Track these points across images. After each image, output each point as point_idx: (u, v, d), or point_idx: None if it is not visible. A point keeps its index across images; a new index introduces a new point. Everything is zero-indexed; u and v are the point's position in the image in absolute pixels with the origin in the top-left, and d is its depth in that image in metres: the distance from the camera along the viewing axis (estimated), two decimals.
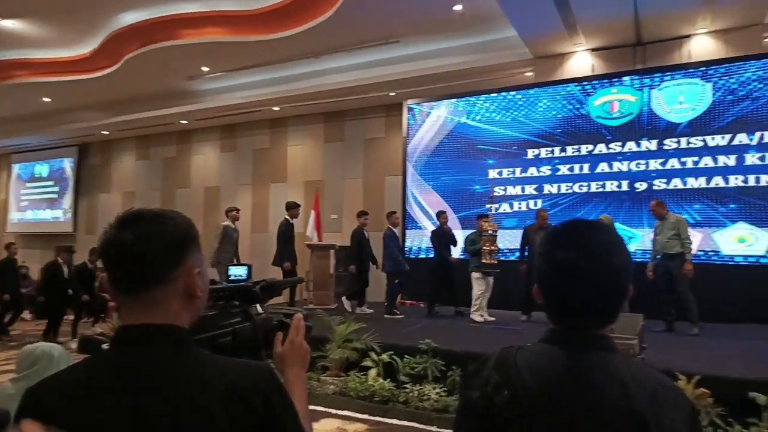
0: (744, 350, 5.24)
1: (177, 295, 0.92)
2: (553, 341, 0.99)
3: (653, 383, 0.92)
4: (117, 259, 0.91)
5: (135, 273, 0.90)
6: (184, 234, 0.95)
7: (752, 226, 7.27)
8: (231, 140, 13.21)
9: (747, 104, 7.42)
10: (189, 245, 0.95)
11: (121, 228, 0.92)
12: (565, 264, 0.97)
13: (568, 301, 0.98)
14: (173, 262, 0.92)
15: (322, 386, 5.07)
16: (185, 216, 1.00)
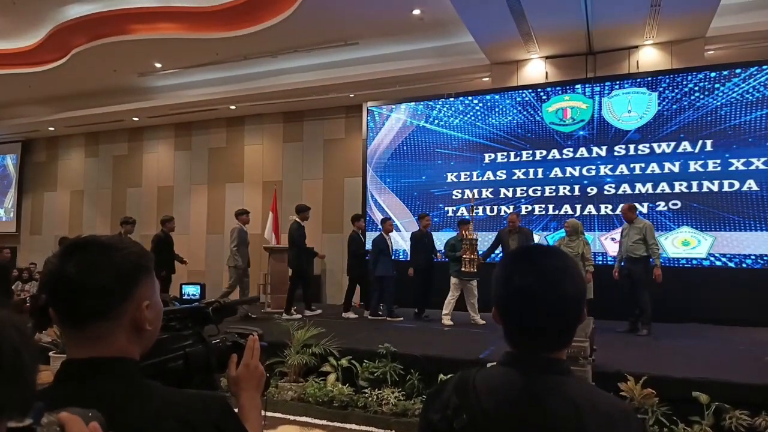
0: (688, 350, 5.51)
1: (124, 328, 0.89)
2: (511, 364, 1.03)
3: (605, 406, 0.96)
4: (59, 292, 0.87)
5: (78, 307, 0.86)
6: (133, 265, 0.91)
7: (695, 230, 7.65)
8: (185, 138, 12.88)
9: (690, 113, 7.80)
10: (138, 277, 0.91)
11: (65, 258, 0.88)
12: (522, 290, 1.00)
13: (524, 325, 1.02)
14: (119, 296, 0.88)
15: (280, 392, 5.02)
16: (137, 244, 0.96)
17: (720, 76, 7.68)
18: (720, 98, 7.66)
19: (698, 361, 4.93)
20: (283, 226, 10.91)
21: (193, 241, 12.05)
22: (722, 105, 7.64)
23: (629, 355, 5.17)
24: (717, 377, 4.24)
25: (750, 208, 7.41)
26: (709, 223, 7.60)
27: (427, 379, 4.82)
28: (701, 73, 7.79)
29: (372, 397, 4.76)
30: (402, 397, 4.74)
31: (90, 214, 13.79)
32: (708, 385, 4.10)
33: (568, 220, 6.97)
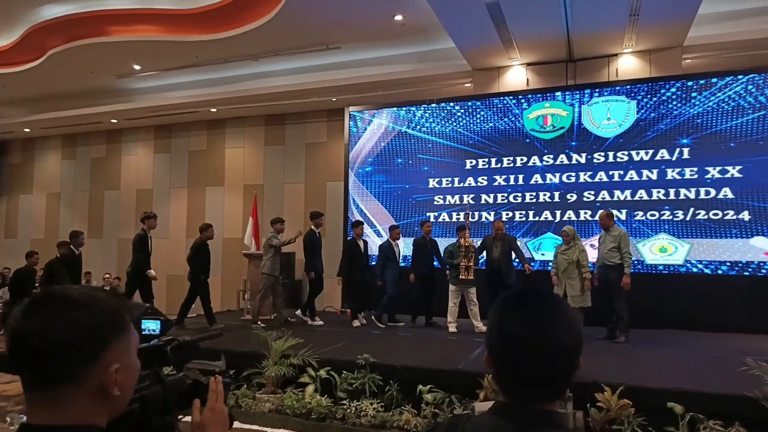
0: (664, 358, 5.56)
1: (89, 393, 0.81)
2: (503, 415, 0.98)
3: None
4: (16, 352, 0.80)
5: (36, 371, 0.80)
6: (102, 325, 0.83)
7: (672, 236, 7.74)
8: (165, 141, 12.71)
9: (668, 121, 7.90)
10: (107, 337, 0.83)
11: (25, 315, 0.81)
12: (517, 339, 0.96)
13: (518, 375, 0.97)
14: (82, 359, 0.80)
15: (257, 404, 4.96)
16: (111, 299, 0.87)
17: (697, 85, 7.79)
18: (697, 107, 7.77)
19: (674, 371, 4.97)
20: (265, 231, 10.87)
21: (172, 245, 11.89)
22: (699, 114, 7.75)
23: (607, 365, 5.20)
24: (692, 387, 4.28)
25: (726, 216, 7.52)
26: (685, 230, 7.70)
27: (406, 390, 4.80)
28: (679, 82, 7.89)
29: (350, 408, 4.72)
30: (381, 408, 4.71)
31: (67, 217, 13.54)
32: (683, 396, 4.14)
33: (565, 228, 6.98)
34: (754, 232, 7.40)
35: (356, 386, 4.89)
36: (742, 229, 7.45)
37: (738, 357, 4.37)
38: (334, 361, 5.23)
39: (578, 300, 6.52)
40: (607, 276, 6.55)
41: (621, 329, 6.45)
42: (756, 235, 7.39)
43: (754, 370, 3.95)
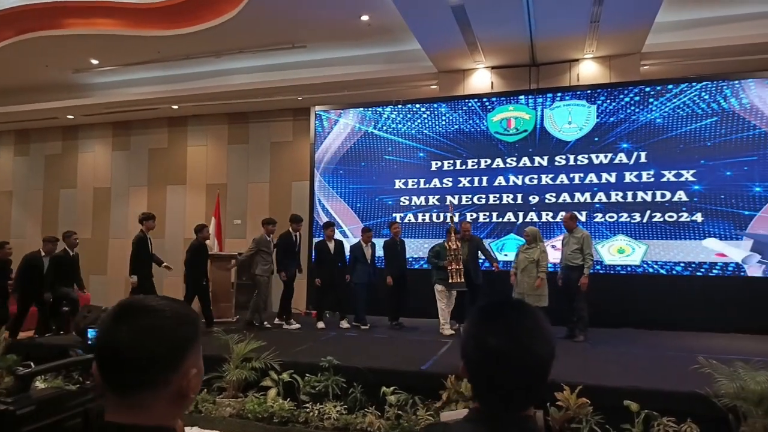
0: (622, 357, 5.72)
1: (168, 397, 0.87)
2: (478, 422, 1.01)
3: None
4: (108, 359, 0.86)
5: (126, 377, 0.85)
6: (185, 334, 0.89)
7: (630, 238, 7.97)
8: (124, 138, 12.34)
9: (626, 126, 8.12)
10: (189, 346, 0.90)
11: (117, 326, 0.86)
12: (496, 352, 0.99)
13: (495, 385, 1.00)
14: (169, 367, 0.86)
15: (218, 409, 4.86)
16: (187, 308, 0.94)
17: (654, 91, 8.04)
18: (654, 112, 8.02)
19: (630, 369, 5.12)
20: (228, 230, 10.69)
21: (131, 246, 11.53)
22: (656, 119, 8.00)
23: (566, 364, 5.30)
24: (647, 386, 4.40)
25: (680, 218, 7.79)
26: (642, 231, 7.94)
27: (370, 392, 4.79)
28: (637, 88, 8.13)
29: (313, 412, 4.68)
30: (344, 411, 4.68)
31: (19, 217, 13.00)
32: (638, 394, 4.25)
33: (528, 228, 7.09)
34: (706, 234, 7.68)
35: (319, 389, 4.85)
36: (695, 231, 7.73)
37: (691, 355, 4.52)
38: (297, 363, 5.18)
39: (534, 299, 6.64)
40: (569, 276, 6.70)
41: (580, 329, 6.60)
42: (708, 236, 7.67)
43: (705, 368, 4.09)
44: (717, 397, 3.90)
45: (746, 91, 7.68)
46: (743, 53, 7.78)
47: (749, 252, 7.52)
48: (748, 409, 3.77)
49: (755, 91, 7.65)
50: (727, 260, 7.58)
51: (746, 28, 7.63)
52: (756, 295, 7.33)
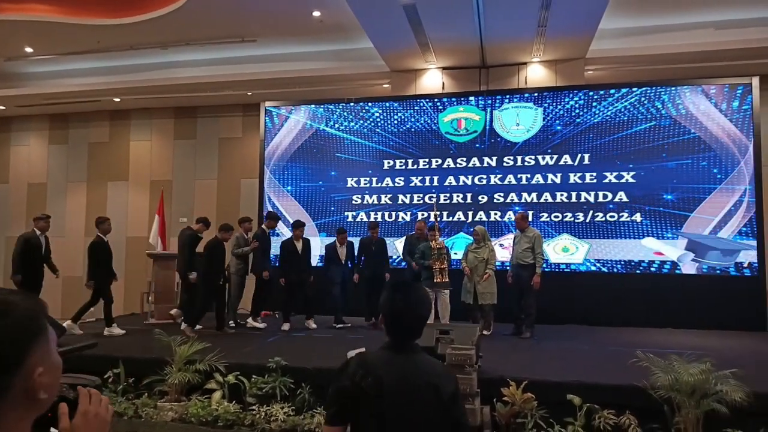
0: (565, 353, 5.88)
1: (14, 404, 0.78)
2: (390, 349, 1.77)
3: (439, 368, 1.81)
4: None
5: None
6: (23, 331, 0.80)
7: (573, 237, 8.23)
8: (62, 131, 11.72)
9: (570, 129, 8.38)
10: (29, 343, 0.80)
11: None
12: (398, 310, 1.76)
13: (398, 328, 1.78)
14: (5, 370, 0.77)
15: (159, 413, 4.68)
16: (26, 302, 0.83)
17: (597, 95, 8.33)
18: (597, 116, 8.31)
19: (573, 364, 5.27)
20: (172, 229, 10.33)
21: (69, 245, 10.98)
22: (599, 122, 8.29)
23: (512, 360, 5.42)
24: (588, 380, 4.55)
25: (621, 218, 8.10)
26: (585, 231, 8.21)
27: (319, 392, 4.72)
28: (581, 92, 8.40)
29: (260, 414, 4.57)
30: (292, 412, 4.60)
31: None
32: (581, 388, 4.39)
33: (476, 227, 7.16)
34: (645, 233, 8.02)
35: (266, 390, 4.75)
36: (634, 231, 8.06)
37: (630, 350, 4.69)
38: (243, 365, 5.05)
39: (487, 297, 6.74)
40: (520, 275, 6.81)
41: (527, 325, 6.75)
42: (647, 236, 8.02)
43: (643, 361, 4.25)
44: (653, 390, 4.06)
45: (682, 97, 8.08)
46: (679, 61, 8.17)
47: (684, 251, 7.91)
48: (682, 400, 3.94)
49: (689, 97, 8.05)
50: (663, 258, 7.95)
51: (682, 38, 8.01)
52: (689, 291, 7.72)
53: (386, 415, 1.62)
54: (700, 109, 8.01)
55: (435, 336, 4.68)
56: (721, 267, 7.78)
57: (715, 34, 7.94)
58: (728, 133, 7.91)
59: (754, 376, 4.36)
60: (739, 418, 3.89)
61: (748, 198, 7.75)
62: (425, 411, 1.65)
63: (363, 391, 1.61)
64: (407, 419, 1.63)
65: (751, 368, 4.57)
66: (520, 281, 6.80)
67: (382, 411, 1.62)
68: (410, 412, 1.63)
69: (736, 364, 4.23)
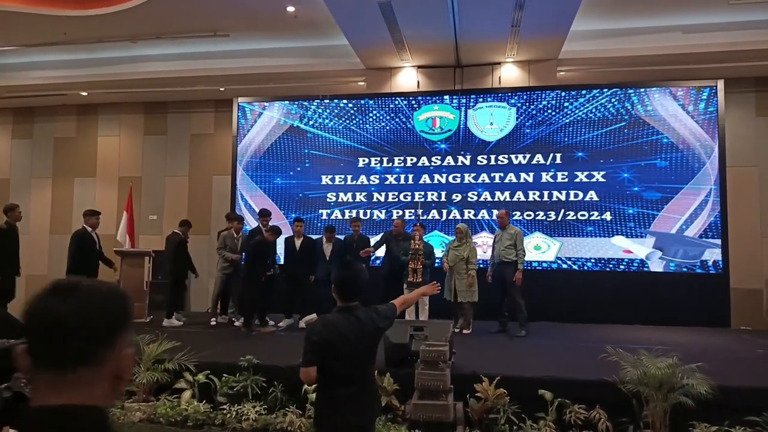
0: (537, 349, 5.95)
1: (105, 377, 0.87)
2: (341, 312, 2.50)
3: (373, 313, 2.53)
4: (47, 331, 0.84)
5: (66, 351, 0.84)
6: (121, 311, 0.90)
7: (545, 235, 8.33)
8: (26, 126, 11.36)
9: (543, 128, 8.49)
10: (124, 324, 0.90)
11: (59, 298, 0.85)
12: (344, 280, 2.57)
13: (344, 293, 2.52)
14: (107, 344, 0.86)
15: (126, 414, 4.56)
16: (119, 288, 0.95)
17: (569, 96, 8.46)
18: (569, 116, 8.43)
19: (545, 360, 5.33)
20: (141, 226, 10.11)
21: (33, 242, 10.65)
22: (570, 122, 8.42)
23: (485, 357, 5.46)
24: (560, 375, 4.61)
25: (591, 217, 8.24)
26: (557, 229, 8.33)
27: (291, 390, 4.67)
28: (554, 92, 8.52)
29: (231, 413, 4.50)
30: (264, 411, 4.54)
31: None
32: (552, 383, 4.44)
33: (458, 225, 7.16)
34: (615, 232, 8.18)
35: (237, 389, 4.68)
36: (604, 229, 8.20)
37: (601, 346, 4.76)
38: (214, 364, 4.97)
39: (466, 295, 6.75)
40: (502, 272, 6.80)
41: (520, 323, 6.74)
42: (616, 234, 8.17)
43: (612, 356, 4.32)
44: (623, 384, 4.13)
45: (650, 99, 8.25)
46: (648, 63, 8.36)
47: (652, 249, 8.08)
48: (650, 394, 4.03)
49: (658, 99, 8.24)
50: (632, 257, 8.11)
51: (651, 41, 8.19)
52: (657, 289, 7.90)
53: (343, 352, 2.40)
54: (668, 110, 8.20)
55: (409, 333, 4.69)
56: (688, 265, 7.98)
57: (683, 37, 8.14)
58: (695, 134, 8.12)
59: (719, 369, 4.48)
60: (705, 410, 3.99)
61: (713, 198, 7.96)
62: (369, 345, 2.51)
63: (326, 341, 2.39)
64: (357, 353, 2.45)
65: (715, 362, 4.70)
66: (504, 278, 6.78)
67: (340, 351, 2.40)
68: (358, 348, 2.43)
69: (702, 358, 4.34)
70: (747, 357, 5.72)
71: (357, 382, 2.45)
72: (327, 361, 2.40)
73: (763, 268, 8.51)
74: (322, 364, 2.40)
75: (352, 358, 2.43)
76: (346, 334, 2.40)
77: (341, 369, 2.42)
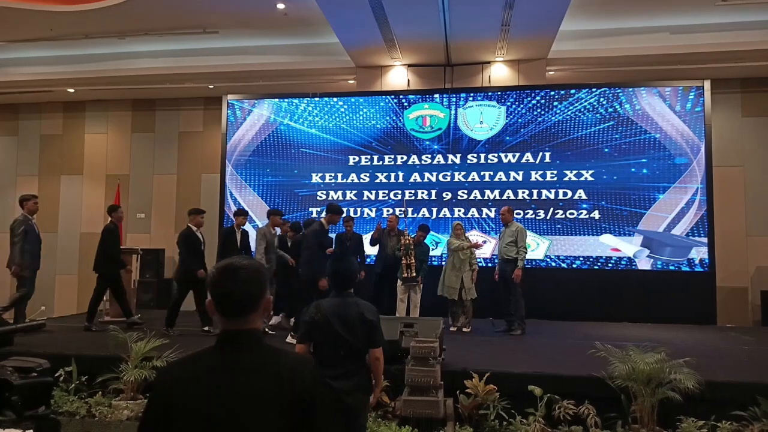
0: (527, 345, 5.98)
1: (259, 314, 1.43)
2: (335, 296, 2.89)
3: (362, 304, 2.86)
4: (228, 297, 1.39)
5: (242, 308, 1.39)
6: (263, 278, 1.46)
7: (534, 234, 8.36)
8: (12, 122, 11.21)
9: (532, 127, 8.53)
10: (265, 285, 1.46)
11: (229, 275, 1.40)
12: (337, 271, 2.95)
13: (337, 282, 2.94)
14: (261, 298, 1.42)
15: (114, 412, 4.51)
16: (261, 265, 1.53)
17: (558, 95, 8.51)
18: (558, 115, 8.48)
19: (535, 356, 5.36)
20: (129, 225, 10.01)
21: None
22: (559, 121, 8.47)
23: (476, 353, 5.47)
24: (549, 371, 4.63)
25: (579, 215, 8.29)
26: (546, 227, 8.37)
27: None
28: (543, 91, 8.56)
29: None
30: None
31: None
32: (541, 379, 4.45)
33: (456, 222, 7.18)
34: (603, 230, 8.24)
35: None
36: (593, 228, 8.26)
37: (590, 342, 4.79)
38: None
39: (470, 292, 6.77)
40: (504, 270, 6.72)
41: (518, 322, 6.71)
42: (605, 233, 8.23)
43: (601, 352, 4.35)
44: (611, 379, 4.15)
45: (638, 98, 8.33)
46: (636, 63, 8.43)
47: (639, 247, 8.16)
48: (638, 389, 4.05)
49: (646, 99, 8.32)
50: (620, 255, 8.18)
51: (639, 41, 8.26)
52: (645, 286, 7.97)
53: (332, 333, 2.72)
54: (656, 110, 8.28)
55: (399, 329, 4.70)
56: (675, 263, 8.06)
57: (671, 38, 8.22)
58: (682, 133, 8.20)
59: (706, 365, 4.53)
60: (692, 405, 4.03)
61: (700, 197, 8.05)
62: (355, 329, 2.73)
63: (317, 322, 2.72)
64: (345, 334, 2.73)
65: (702, 358, 4.75)
66: (505, 276, 6.70)
67: (330, 331, 2.72)
68: (345, 331, 2.72)
69: (689, 354, 4.37)
70: (733, 353, 5.79)
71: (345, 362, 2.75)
72: (317, 338, 2.78)
73: (749, 267, 8.63)
74: (313, 342, 2.79)
75: (339, 337, 2.73)
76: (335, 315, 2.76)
77: (330, 348, 2.75)
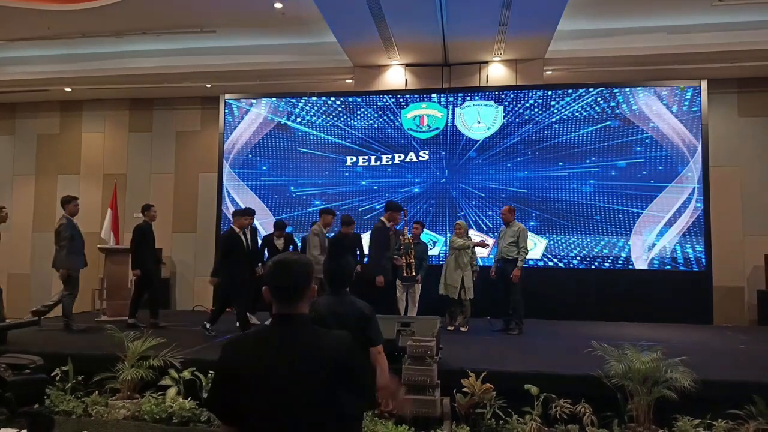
0: (523, 345, 5.99)
1: (306, 300, 1.66)
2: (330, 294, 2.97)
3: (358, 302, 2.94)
4: (282, 288, 1.63)
5: (292, 296, 1.63)
6: (310, 271, 1.70)
7: (532, 233, 8.34)
8: (8, 122, 11.17)
9: (530, 127, 8.54)
10: (311, 276, 1.69)
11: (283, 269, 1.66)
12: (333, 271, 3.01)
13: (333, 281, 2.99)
14: (308, 287, 1.66)
15: (110, 411, 4.50)
16: (308, 260, 1.79)
17: (555, 95, 8.52)
18: (555, 115, 8.50)
19: (531, 356, 5.36)
20: (126, 224, 9.99)
21: (15, 240, 10.49)
22: (556, 121, 8.48)
23: (472, 352, 5.48)
24: (546, 370, 4.64)
25: (576, 215, 8.31)
26: (543, 227, 8.39)
27: None
28: (540, 91, 8.58)
29: None
30: None
31: None
32: (538, 378, 4.46)
33: (459, 221, 7.16)
34: (600, 230, 8.25)
35: None
36: (590, 227, 8.28)
37: (586, 341, 4.79)
38: (200, 360, 4.90)
39: (470, 291, 6.78)
40: (504, 270, 6.69)
41: (517, 322, 6.72)
42: (602, 232, 8.24)
43: (597, 351, 4.35)
44: (608, 378, 4.16)
45: (635, 98, 8.35)
46: (633, 63, 8.45)
47: (636, 246, 8.16)
48: (634, 388, 4.06)
49: (643, 99, 8.33)
50: (617, 254, 8.19)
51: (636, 41, 8.28)
52: (641, 286, 7.98)
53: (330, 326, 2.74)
54: (653, 110, 8.30)
55: (396, 328, 4.70)
56: (671, 263, 8.07)
57: (668, 38, 8.24)
58: (678, 133, 8.22)
59: (701, 364, 4.54)
60: (688, 403, 4.04)
61: (696, 197, 8.07)
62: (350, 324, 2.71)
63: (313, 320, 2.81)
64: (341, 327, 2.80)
65: (698, 357, 4.76)
66: (505, 276, 6.67)
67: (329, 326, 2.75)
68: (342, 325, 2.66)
69: (685, 353, 4.39)
70: (729, 352, 5.81)
71: None
72: None
73: (745, 266, 8.65)
74: None
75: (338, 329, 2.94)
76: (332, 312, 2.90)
77: None
